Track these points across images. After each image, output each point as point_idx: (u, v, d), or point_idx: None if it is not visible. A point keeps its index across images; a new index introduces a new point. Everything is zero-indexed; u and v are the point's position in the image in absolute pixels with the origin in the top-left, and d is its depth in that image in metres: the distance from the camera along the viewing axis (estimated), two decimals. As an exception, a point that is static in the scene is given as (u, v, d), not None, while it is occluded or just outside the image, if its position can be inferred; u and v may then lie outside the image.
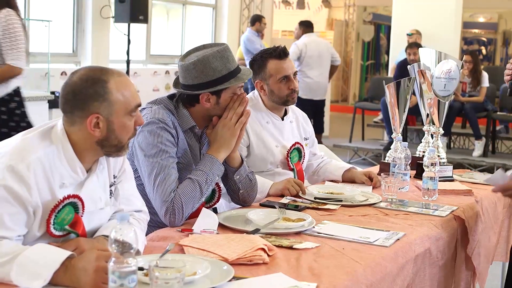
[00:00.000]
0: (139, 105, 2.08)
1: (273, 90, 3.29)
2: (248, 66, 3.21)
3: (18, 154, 1.92)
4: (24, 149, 1.94)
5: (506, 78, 3.19)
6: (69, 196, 2.00)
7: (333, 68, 9.38)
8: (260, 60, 3.31)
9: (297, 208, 2.78)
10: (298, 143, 3.38)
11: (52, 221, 1.97)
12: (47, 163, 1.95)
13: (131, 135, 2.09)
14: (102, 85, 1.99)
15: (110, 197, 2.17)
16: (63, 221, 2.00)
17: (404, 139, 9.20)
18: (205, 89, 2.61)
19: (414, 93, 3.84)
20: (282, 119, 3.40)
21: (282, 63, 3.28)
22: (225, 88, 2.63)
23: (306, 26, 9.28)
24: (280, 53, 3.28)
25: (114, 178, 2.19)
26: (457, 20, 10.10)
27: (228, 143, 2.65)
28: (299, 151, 3.39)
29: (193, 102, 2.68)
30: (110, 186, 2.17)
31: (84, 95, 1.98)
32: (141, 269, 1.79)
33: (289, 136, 3.40)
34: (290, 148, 3.34)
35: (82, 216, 2.05)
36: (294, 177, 3.27)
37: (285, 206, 2.77)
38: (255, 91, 3.41)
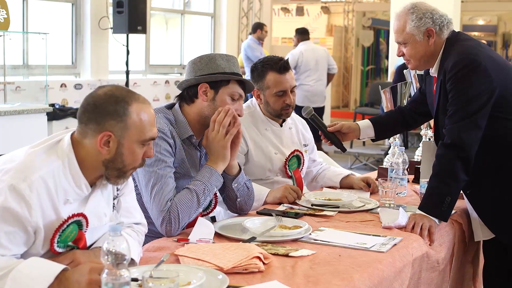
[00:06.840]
0: (153, 138, 2.06)
1: (268, 102, 3.28)
2: (249, 72, 3.25)
3: (21, 172, 1.90)
4: (27, 167, 1.92)
5: None
6: (73, 215, 1.98)
7: (329, 76, 9.48)
8: (260, 69, 3.29)
9: (294, 215, 2.77)
10: (297, 150, 3.37)
11: (56, 240, 1.96)
12: (51, 180, 1.94)
13: (137, 165, 2.06)
14: (124, 106, 1.98)
15: (113, 211, 2.16)
16: (67, 238, 1.99)
17: (405, 144, 9.27)
18: (205, 77, 2.66)
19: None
20: (281, 126, 3.40)
21: (281, 77, 3.24)
22: (224, 84, 2.66)
23: (302, 34, 9.33)
24: (281, 67, 3.24)
25: (117, 191, 2.19)
26: (456, 23, 10.09)
27: (222, 155, 2.63)
28: (298, 158, 3.38)
29: (192, 97, 2.71)
30: (114, 199, 2.17)
31: (104, 110, 1.97)
32: (135, 280, 1.79)
33: (289, 143, 3.39)
34: (289, 156, 3.33)
35: (85, 232, 2.04)
36: (293, 184, 3.26)
37: (282, 214, 2.77)
38: (253, 98, 3.41)
